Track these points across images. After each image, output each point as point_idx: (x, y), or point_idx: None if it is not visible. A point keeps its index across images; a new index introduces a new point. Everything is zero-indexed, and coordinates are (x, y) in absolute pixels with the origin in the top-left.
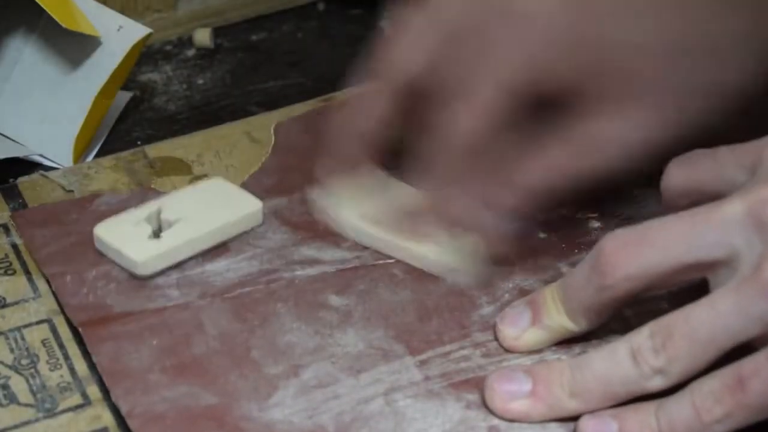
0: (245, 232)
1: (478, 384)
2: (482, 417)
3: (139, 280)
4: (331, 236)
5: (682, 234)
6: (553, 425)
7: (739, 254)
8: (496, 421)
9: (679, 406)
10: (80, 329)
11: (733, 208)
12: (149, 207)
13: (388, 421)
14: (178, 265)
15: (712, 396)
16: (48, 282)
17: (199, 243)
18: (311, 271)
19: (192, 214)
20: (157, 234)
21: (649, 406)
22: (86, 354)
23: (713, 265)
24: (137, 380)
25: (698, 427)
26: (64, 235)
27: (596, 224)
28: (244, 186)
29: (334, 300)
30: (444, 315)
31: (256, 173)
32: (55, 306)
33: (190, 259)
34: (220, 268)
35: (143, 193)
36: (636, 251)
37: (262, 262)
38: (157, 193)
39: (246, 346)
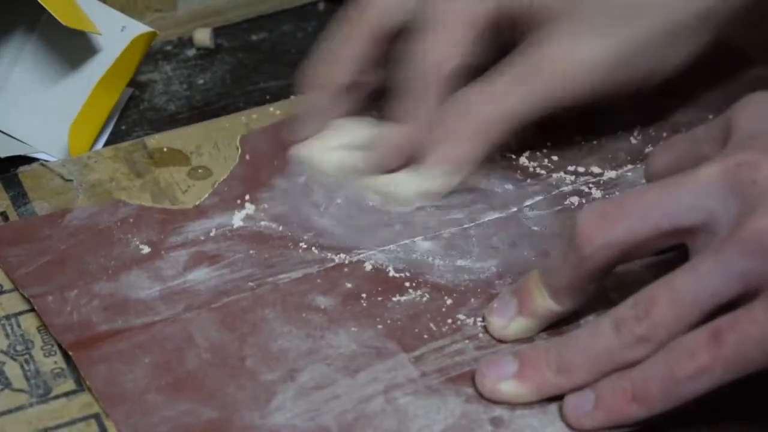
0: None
1: (474, 377)
2: (483, 409)
3: (122, 296)
4: (309, 239)
5: (658, 200)
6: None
7: (716, 218)
8: (497, 412)
9: (653, 366)
10: (70, 352)
11: (707, 173)
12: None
13: (390, 418)
14: (160, 277)
15: (686, 352)
16: (29, 302)
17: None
18: (294, 273)
19: None
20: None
21: (626, 372)
22: None
23: (691, 231)
24: (135, 402)
25: (673, 384)
26: (39, 254)
27: None
28: (215, 193)
29: (321, 301)
30: (432, 309)
31: (225, 181)
32: None
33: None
34: (201, 276)
35: (114, 205)
36: (613, 220)
37: (243, 267)
38: (126, 205)
39: (239, 356)
